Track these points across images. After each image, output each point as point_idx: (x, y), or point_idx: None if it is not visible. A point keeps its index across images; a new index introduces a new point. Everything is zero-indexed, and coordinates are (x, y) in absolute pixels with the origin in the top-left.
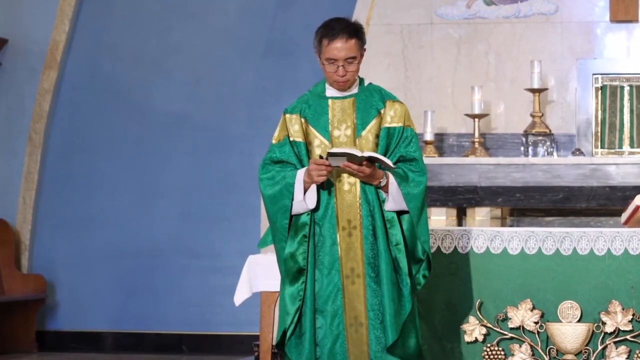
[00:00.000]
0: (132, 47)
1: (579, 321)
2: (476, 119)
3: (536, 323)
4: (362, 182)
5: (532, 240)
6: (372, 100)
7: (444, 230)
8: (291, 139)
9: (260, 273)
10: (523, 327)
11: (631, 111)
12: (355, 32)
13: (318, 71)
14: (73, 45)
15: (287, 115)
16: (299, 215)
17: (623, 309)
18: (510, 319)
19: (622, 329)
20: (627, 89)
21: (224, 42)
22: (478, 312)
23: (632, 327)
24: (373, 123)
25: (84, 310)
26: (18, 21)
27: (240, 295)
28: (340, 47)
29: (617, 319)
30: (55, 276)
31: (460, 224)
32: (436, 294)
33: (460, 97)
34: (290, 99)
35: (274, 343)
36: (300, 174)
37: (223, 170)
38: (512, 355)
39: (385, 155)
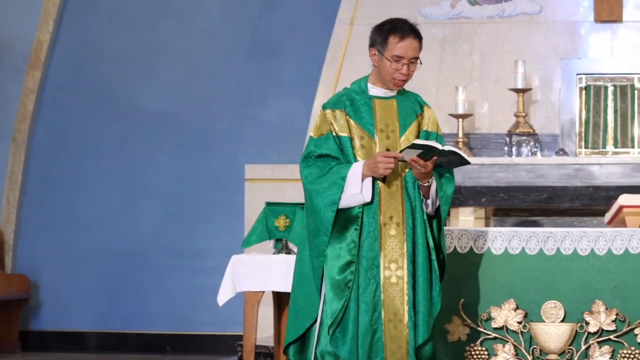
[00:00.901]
0: (116, 47)
1: (562, 321)
2: (460, 119)
3: (519, 323)
4: (405, 179)
5: (515, 240)
6: (411, 103)
7: None
8: (335, 133)
9: (244, 273)
10: (506, 327)
11: (615, 111)
12: (420, 34)
13: (303, 70)
14: (57, 45)
15: (329, 111)
16: (348, 208)
17: (606, 309)
18: (493, 318)
19: (605, 328)
20: (611, 89)
21: (208, 41)
22: (461, 312)
23: (616, 327)
24: (413, 125)
25: (67, 310)
26: (2, 21)
27: (224, 295)
28: (409, 45)
29: (600, 318)
30: (39, 276)
31: None
32: None
33: (444, 97)
34: (275, 98)
35: (283, 347)
36: (358, 167)
37: (207, 169)
38: (496, 355)
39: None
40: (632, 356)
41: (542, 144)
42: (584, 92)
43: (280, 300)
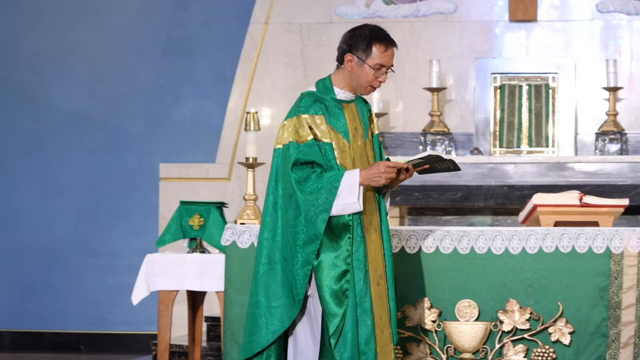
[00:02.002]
0: (31, 45)
1: (476, 320)
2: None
3: (434, 322)
4: (373, 185)
5: (430, 239)
6: (364, 107)
7: None
8: (317, 139)
9: (158, 272)
10: (421, 325)
11: (529, 110)
12: None
13: (217, 70)
14: None
15: (307, 116)
16: (338, 216)
17: (520, 308)
18: (408, 317)
19: (519, 327)
20: (525, 88)
21: (123, 40)
22: None
23: (530, 325)
24: (369, 129)
25: None
26: None
27: (138, 294)
28: (392, 54)
29: (514, 317)
30: None
31: None
32: None
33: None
34: (189, 97)
35: (244, 357)
36: (353, 176)
37: (122, 168)
38: (410, 354)
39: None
40: (545, 355)
41: (456, 143)
42: (498, 91)
43: (195, 299)
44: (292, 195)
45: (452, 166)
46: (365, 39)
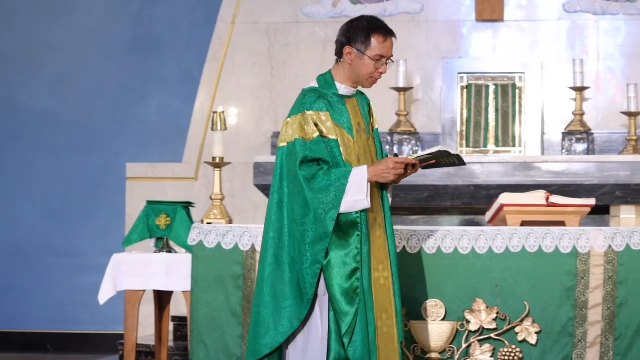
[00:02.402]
0: None
1: (443, 319)
2: None
3: None
4: (381, 181)
5: (397, 239)
6: (365, 101)
7: None
8: (323, 136)
9: (125, 271)
10: None
11: (496, 110)
12: None
13: (184, 69)
14: None
15: (312, 112)
16: (346, 214)
17: (487, 308)
18: None
19: (486, 327)
20: (492, 88)
21: (89, 39)
22: None
23: (496, 325)
24: (370, 124)
25: None
26: None
27: (105, 294)
28: (392, 44)
29: (481, 317)
30: None
31: None
32: None
33: None
34: (156, 96)
35: (253, 358)
36: (361, 172)
37: (88, 168)
38: None
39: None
40: (512, 354)
41: (423, 143)
42: (465, 91)
43: (161, 299)
44: (300, 193)
45: (458, 161)
46: (363, 31)
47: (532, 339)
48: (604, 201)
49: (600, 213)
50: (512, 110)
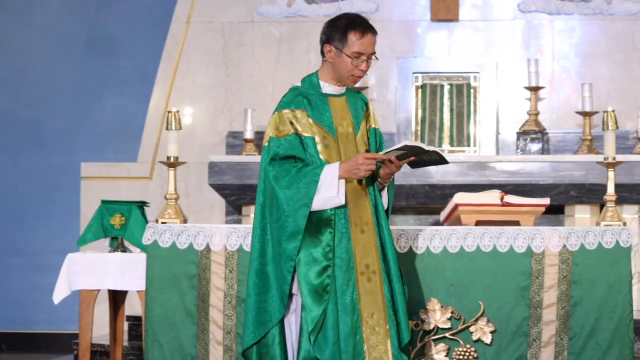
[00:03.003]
0: None
1: None
2: None
3: None
4: (368, 179)
5: None
6: (358, 101)
7: (247, 229)
8: (298, 134)
9: (80, 271)
10: None
11: (451, 110)
12: (375, 29)
13: (140, 69)
14: None
15: (287, 110)
16: (320, 211)
17: (442, 307)
18: None
19: (440, 326)
20: (447, 87)
21: (45, 38)
22: None
23: (451, 324)
24: (363, 123)
25: None
26: None
27: (60, 294)
28: (369, 41)
29: (435, 316)
30: None
31: None
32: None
33: (280, 95)
34: (111, 96)
35: (242, 348)
36: (333, 169)
37: (43, 167)
38: None
39: None
40: (467, 354)
41: None
42: (420, 90)
43: (116, 298)
44: (272, 191)
45: (439, 158)
46: (341, 29)
47: (487, 339)
48: (558, 201)
49: (554, 213)
50: (467, 109)
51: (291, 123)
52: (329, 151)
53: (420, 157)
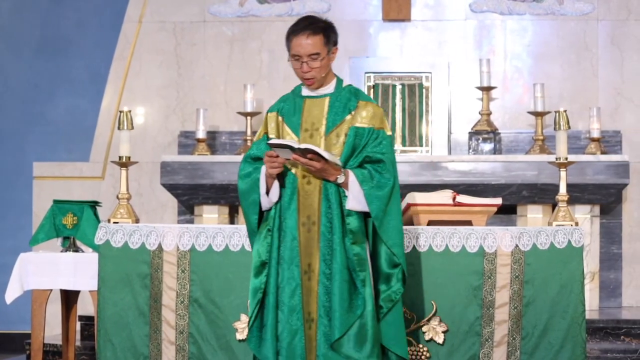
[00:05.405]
0: None
1: None
2: (249, 117)
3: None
4: (323, 180)
5: None
6: (346, 100)
7: (199, 228)
8: (268, 136)
9: (32, 271)
10: None
11: (403, 110)
12: (320, 29)
13: (91, 68)
14: None
15: (269, 114)
16: (267, 210)
17: None
18: None
19: None
20: (399, 87)
21: None
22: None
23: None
24: (343, 123)
25: None
26: None
27: (12, 293)
28: (303, 43)
29: None
30: None
31: (232, 222)
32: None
33: (232, 95)
34: (63, 96)
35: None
36: (264, 169)
37: None
38: None
39: (351, 156)
40: (419, 353)
41: None
42: (372, 90)
43: (68, 298)
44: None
45: (317, 155)
46: (286, 34)
47: (439, 338)
48: (510, 201)
49: (507, 212)
50: (419, 109)
51: (266, 126)
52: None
53: (305, 152)
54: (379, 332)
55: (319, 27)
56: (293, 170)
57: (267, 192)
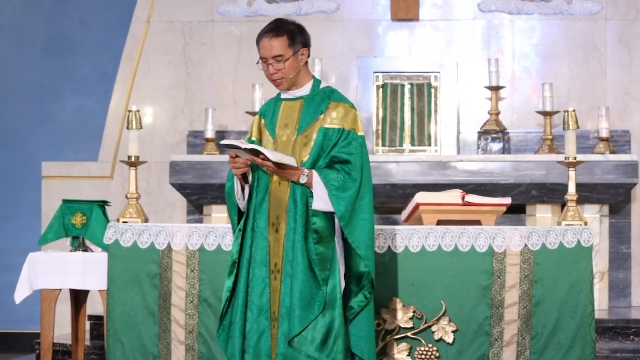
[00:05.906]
0: None
1: None
2: None
3: None
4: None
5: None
6: (319, 102)
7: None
8: (252, 139)
9: (41, 271)
10: None
11: (412, 109)
12: (285, 31)
13: (99, 69)
14: None
15: (255, 117)
16: (245, 211)
17: (404, 307)
18: None
19: (402, 326)
20: (407, 87)
21: (3, 38)
22: None
23: (413, 324)
24: (314, 124)
25: None
26: None
27: (21, 293)
28: (267, 45)
29: (397, 316)
30: None
31: None
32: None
33: (241, 95)
34: (71, 96)
35: None
36: None
37: (4, 167)
38: None
39: (320, 157)
40: (429, 353)
41: None
42: (381, 90)
43: (78, 298)
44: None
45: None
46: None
47: (449, 338)
48: (520, 200)
49: (516, 212)
50: (428, 109)
51: (252, 128)
52: None
53: (256, 153)
54: (346, 333)
55: (283, 30)
56: (268, 172)
57: None
